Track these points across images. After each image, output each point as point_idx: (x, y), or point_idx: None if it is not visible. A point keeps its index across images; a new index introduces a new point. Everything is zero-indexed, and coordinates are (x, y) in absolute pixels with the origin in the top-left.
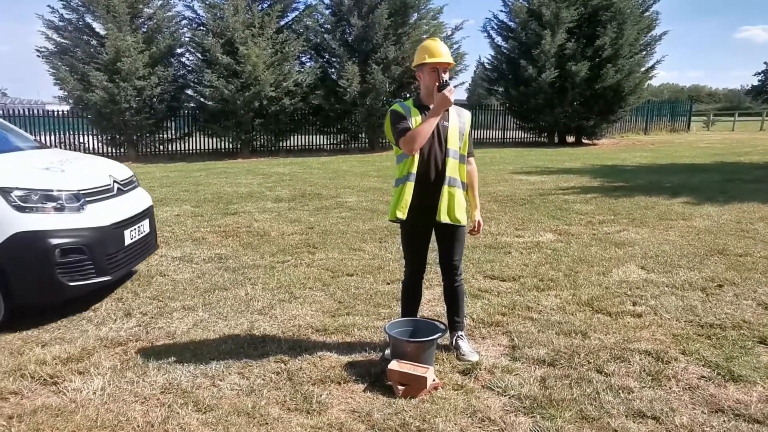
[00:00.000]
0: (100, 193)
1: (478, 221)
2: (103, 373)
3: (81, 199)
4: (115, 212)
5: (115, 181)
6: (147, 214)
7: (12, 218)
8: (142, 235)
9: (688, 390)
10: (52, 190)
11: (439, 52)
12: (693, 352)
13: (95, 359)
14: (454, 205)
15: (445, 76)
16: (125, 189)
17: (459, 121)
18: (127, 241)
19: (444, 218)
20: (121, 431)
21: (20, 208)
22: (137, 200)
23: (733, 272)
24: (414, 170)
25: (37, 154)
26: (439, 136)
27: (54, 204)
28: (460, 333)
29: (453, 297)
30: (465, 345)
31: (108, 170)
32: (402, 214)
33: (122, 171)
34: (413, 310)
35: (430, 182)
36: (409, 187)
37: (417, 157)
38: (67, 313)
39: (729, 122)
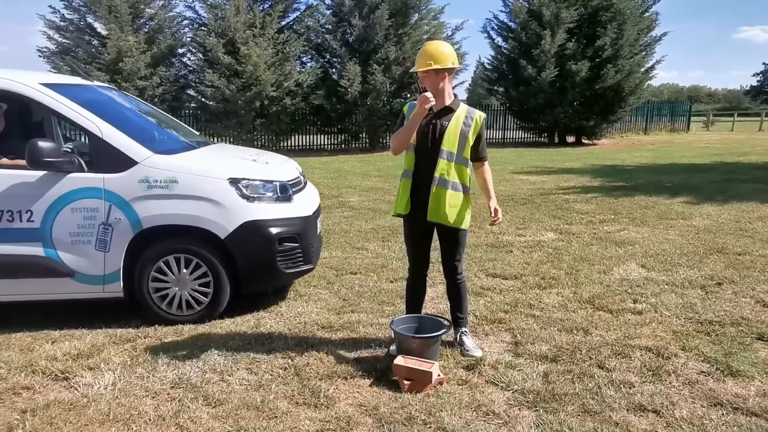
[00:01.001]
0: (297, 185)
1: (495, 208)
2: (113, 368)
3: (289, 189)
4: (310, 203)
5: (300, 174)
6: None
7: (241, 207)
8: (321, 227)
9: (687, 385)
10: (271, 181)
11: (417, 61)
12: (693, 348)
13: (105, 355)
14: (440, 205)
15: (428, 95)
16: (305, 182)
17: (464, 123)
18: (318, 231)
19: (431, 217)
20: (133, 425)
21: (247, 198)
22: (316, 193)
23: (732, 270)
24: (410, 168)
25: (227, 147)
26: (434, 136)
27: (272, 194)
28: (463, 329)
29: (454, 294)
30: (468, 341)
31: (292, 163)
32: (400, 210)
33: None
34: (416, 307)
35: (423, 181)
36: (404, 184)
37: (414, 155)
38: (74, 310)
39: (728, 122)
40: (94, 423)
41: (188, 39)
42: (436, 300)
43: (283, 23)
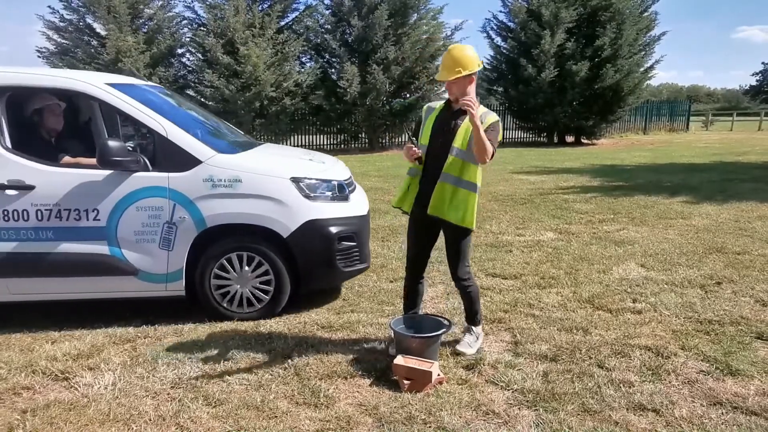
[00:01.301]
0: (351, 185)
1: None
2: (113, 368)
3: (346, 188)
4: (363, 202)
5: (351, 174)
6: None
7: (304, 206)
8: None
9: (687, 384)
10: (329, 180)
11: (444, 67)
12: (692, 347)
13: (105, 355)
14: (443, 201)
15: (413, 147)
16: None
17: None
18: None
19: (432, 211)
20: (133, 425)
21: (308, 197)
22: (364, 193)
23: (732, 270)
24: (413, 165)
25: (280, 147)
26: (447, 136)
27: (331, 193)
28: (467, 325)
29: (464, 299)
30: (465, 337)
31: (341, 163)
32: (401, 205)
33: None
34: (412, 304)
35: (431, 180)
36: (410, 181)
37: (425, 153)
38: (74, 310)
39: (727, 122)
40: (95, 423)
41: (187, 39)
42: (435, 300)
43: (282, 23)
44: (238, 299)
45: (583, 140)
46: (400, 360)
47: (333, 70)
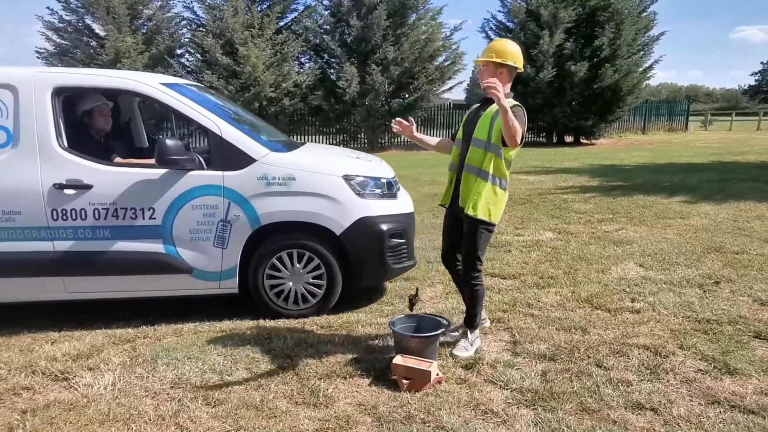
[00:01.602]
0: (397, 183)
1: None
2: (112, 368)
3: (394, 186)
4: (409, 200)
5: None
6: None
7: (356, 204)
8: None
9: (685, 383)
10: (379, 178)
11: (482, 53)
12: (690, 346)
13: (104, 355)
14: (465, 191)
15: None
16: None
17: (494, 113)
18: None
19: (461, 203)
20: (133, 424)
21: (359, 195)
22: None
23: (730, 269)
24: (454, 161)
25: (324, 146)
26: (472, 126)
27: (381, 191)
28: (464, 328)
29: (467, 295)
30: (461, 341)
31: (386, 163)
32: (444, 201)
33: None
34: (456, 283)
35: (458, 170)
36: (449, 176)
37: (457, 148)
38: (74, 311)
39: (726, 122)
40: (94, 423)
41: (186, 40)
42: (435, 299)
43: (282, 24)
44: (291, 297)
45: (582, 140)
46: (399, 359)
47: (332, 71)
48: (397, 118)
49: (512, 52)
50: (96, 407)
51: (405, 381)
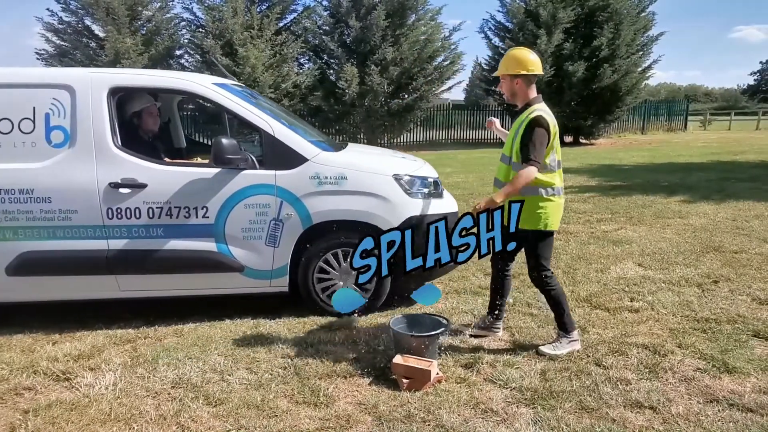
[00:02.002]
0: (440, 183)
1: (477, 204)
2: (113, 369)
3: (439, 186)
4: (453, 200)
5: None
6: None
7: (406, 203)
8: None
9: (684, 381)
10: (427, 177)
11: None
12: (689, 345)
13: (105, 356)
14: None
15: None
16: None
17: (519, 125)
18: None
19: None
20: (134, 424)
21: (408, 193)
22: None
23: (729, 268)
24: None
25: (366, 146)
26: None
27: (428, 190)
28: (557, 331)
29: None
30: (553, 340)
31: (428, 163)
32: None
33: None
34: (496, 295)
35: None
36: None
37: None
38: (74, 311)
39: (726, 121)
40: (96, 423)
41: (186, 41)
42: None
43: (281, 25)
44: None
45: (581, 140)
46: (399, 359)
47: (331, 71)
48: (489, 118)
49: (522, 61)
50: (97, 407)
51: (405, 380)
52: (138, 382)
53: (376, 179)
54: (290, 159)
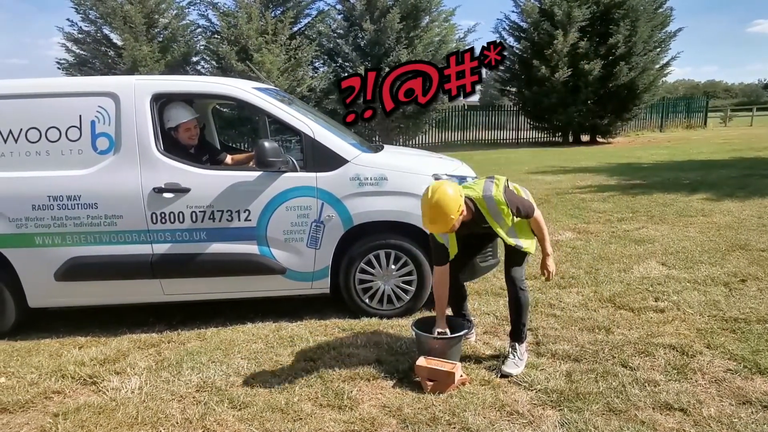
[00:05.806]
0: None
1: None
2: (139, 372)
3: None
4: None
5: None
6: None
7: None
8: None
9: (714, 383)
10: (465, 177)
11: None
12: (718, 345)
13: (131, 360)
14: None
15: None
16: None
17: (494, 216)
18: None
19: None
20: (161, 427)
21: None
22: None
23: (756, 267)
24: None
25: (403, 147)
26: None
27: None
28: (514, 343)
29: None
30: (509, 359)
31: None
32: None
33: None
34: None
35: None
36: None
37: None
38: (98, 316)
39: (747, 117)
40: (124, 426)
41: (202, 47)
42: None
43: (295, 29)
44: (380, 297)
45: (598, 139)
46: (422, 361)
47: (345, 75)
48: None
49: (450, 209)
50: (124, 411)
51: (429, 382)
52: (163, 386)
53: (416, 180)
54: (331, 161)
